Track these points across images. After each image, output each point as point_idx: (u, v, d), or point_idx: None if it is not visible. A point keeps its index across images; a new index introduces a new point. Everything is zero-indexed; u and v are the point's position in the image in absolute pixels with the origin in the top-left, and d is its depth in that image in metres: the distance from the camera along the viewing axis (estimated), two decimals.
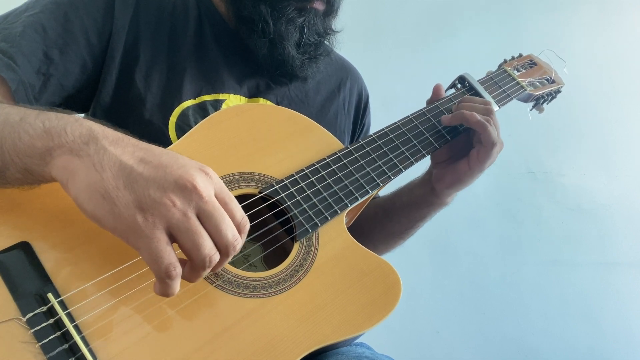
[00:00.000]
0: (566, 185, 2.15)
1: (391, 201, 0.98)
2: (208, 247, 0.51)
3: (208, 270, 0.53)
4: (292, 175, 0.73)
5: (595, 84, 2.17)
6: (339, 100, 1.02)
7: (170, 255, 0.50)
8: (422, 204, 0.94)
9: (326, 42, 0.93)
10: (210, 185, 0.52)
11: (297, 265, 0.67)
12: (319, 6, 0.87)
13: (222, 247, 0.53)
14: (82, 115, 0.90)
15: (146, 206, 0.49)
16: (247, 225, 0.56)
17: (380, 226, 0.97)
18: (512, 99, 0.97)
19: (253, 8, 0.85)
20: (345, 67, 1.08)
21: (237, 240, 0.54)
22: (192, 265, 0.52)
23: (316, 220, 0.71)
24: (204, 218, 0.51)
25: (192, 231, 0.50)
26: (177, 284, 0.51)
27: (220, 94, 0.87)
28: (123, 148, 0.53)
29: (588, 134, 2.18)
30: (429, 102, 0.92)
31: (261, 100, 0.91)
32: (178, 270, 0.50)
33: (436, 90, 0.92)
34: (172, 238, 0.51)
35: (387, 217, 0.75)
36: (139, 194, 0.50)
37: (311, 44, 0.89)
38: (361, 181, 0.77)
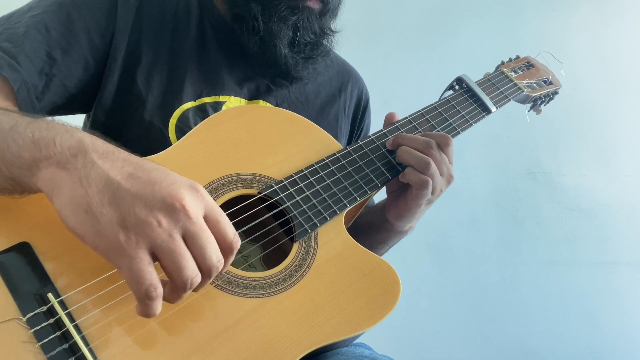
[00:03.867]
0: (566, 185, 2.15)
1: (358, 219, 0.90)
2: (190, 269, 0.50)
3: (189, 292, 0.52)
4: (292, 176, 0.74)
5: (595, 84, 2.18)
6: (339, 103, 1.02)
7: (152, 275, 0.48)
8: (380, 229, 0.91)
9: (325, 42, 0.93)
10: (200, 205, 0.51)
11: (296, 266, 0.67)
12: (314, 5, 0.86)
13: (205, 269, 0.51)
14: (83, 116, 0.91)
15: (130, 224, 0.48)
16: (238, 243, 0.54)
17: None
18: (509, 100, 0.97)
19: (244, 5, 0.85)
20: (347, 70, 1.07)
21: (220, 262, 0.52)
22: (173, 287, 0.51)
23: (315, 220, 0.71)
24: (190, 239, 0.50)
25: (176, 253, 0.49)
26: (158, 305, 0.49)
27: (221, 96, 0.87)
28: (112, 162, 0.51)
29: (588, 134, 2.18)
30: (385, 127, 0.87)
31: (261, 102, 0.91)
32: (159, 291, 0.48)
33: (388, 118, 0.88)
34: (154, 257, 0.49)
35: (354, 233, 0.73)
36: (123, 211, 0.48)
37: (307, 44, 0.88)
38: (360, 182, 0.77)
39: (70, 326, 0.52)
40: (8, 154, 0.53)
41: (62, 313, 0.52)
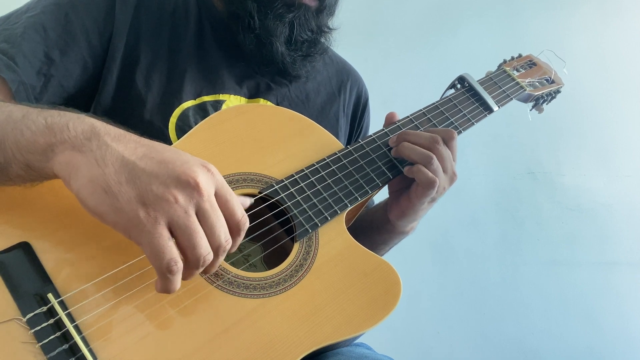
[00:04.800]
0: (566, 185, 2.15)
1: (359, 219, 0.90)
2: (204, 247, 0.52)
3: (200, 270, 0.53)
4: (292, 176, 0.73)
5: (595, 84, 2.18)
6: (339, 102, 1.01)
7: (172, 250, 0.50)
8: (381, 229, 0.90)
9: (322, 40, 0.92)
10: (211, 183, 0.53)
11: (297, 266, 0.67)
12: (310, 2, 0.86)
13: (214, 248, 0.53)
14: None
15: (148, 201, 0.50)
16: (246, 223, 0.56)
17: None
18: (511, 99, 0.97)
19: (240, 3, 0.85)
20: (347, 69, 1.07)
21: (228, 242, 0.54)
22: (186, 263, 0.53)
23: (316, 220, 0.71)
24: (201, 217, 0.52)
25: (192, 229, 0.51)
26: (178, 280, 0.51)
27: (221, 95, 0.87)
28: (125, 144, 0.53)
29: (588, 134, 2.18)
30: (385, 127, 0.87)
31: (261, 101, 0.91)
32: (179, 265, 0.51)
33: (389, 118, 0.87)
34: (171, 234, 0.51)
35: (355, 234, 0.72)
36: (141, 189, 0.50)
37: (304, 41, 0.88)
38: (361, 181, 0.77)
39: (70, 326, 0.52)
40: (22, 141, 0.54)
41: (62, 313, 0.52)
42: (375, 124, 1.04)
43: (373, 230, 0.91)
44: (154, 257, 0.50)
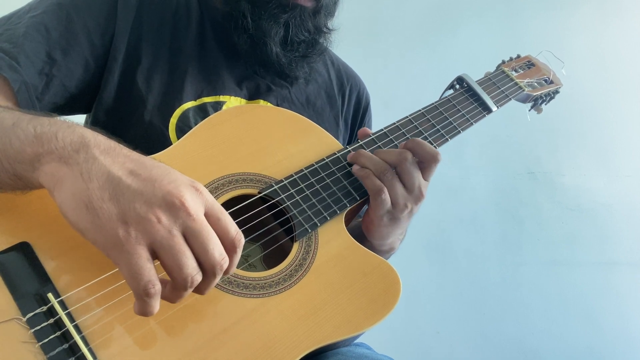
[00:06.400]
0: (566, 185, 2.15)
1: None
2: (190, 266, 0.49)
3: (189, 291, 0.51)
4: (292, 176, 0.73)
5: (595, 83, 2.18)
6: (339, 104, 1.01)
7: (150, 272, 0.48)
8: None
9: (321, 41, 0.92)
10: (200, 203, 0.51)
11: (296, 265, 0.67)
12: (306, 3, 0.86)
13: (209, 267, 0.51)
14: (84, 116, 0.91)
15: (130, 220, 0.48)
16: (242, 239, 0.54)
17: None
18: (510, 99, 0.97)
19: (235, 3, 0.85)
20: (348, 72, 1.07)
21: (224, 260, 0.51)
22: (174, 285, 0.51)
23: (315, 220, 0.71)
24: (190, 236, 0.50)
25: (176, 250, 0.49)
26: (156, 303, 0.49)
27: (221, 96, 0.87)
28: (113, 158, 0.51)
29: (588, 134, 2.18)
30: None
31: (261, 102, 0.91)
32: (157, 287, 0.48)
33: (361, 133, 0.84)
34: (154, 255, 0.49)
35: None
36: (123, 207, 0.48)
37: (300, 42, 0.88)
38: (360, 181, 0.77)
39: (70, 326, 0.52)
40: (11, 150, 0.53)
41: (62, 313, 0.52)
42: (376, 124, 1.04)
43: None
44: (131, 278, 0.47)
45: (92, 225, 0.48)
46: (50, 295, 0.53)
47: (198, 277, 0.50)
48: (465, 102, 0.92)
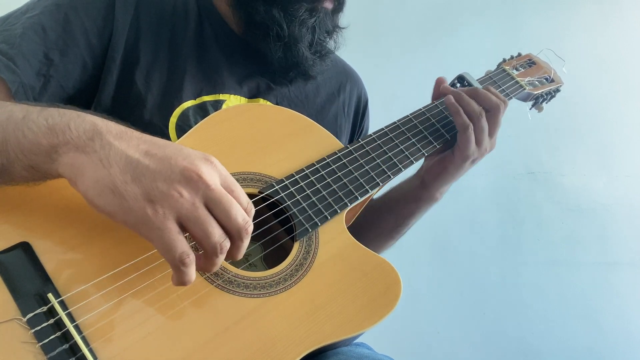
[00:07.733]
0: (566, 185, 2.15)
1: (380, 199, 0.97)
2: (218, 234, 0.53)
3: (221, 258, 0.54)
4: (292, 175, 0.73)
5: (595, 83, 2.18)
6: (338, 102, 1.02)
7: (182, 243, 0.51)
8: (410, 198, 0.94)
9: (334, 39, 0.94)
10: (215, 174, 0.54)
11: (297, 265, 0.67)
12: (329, 5, 0.87)
13: (235, 232, 0.54)
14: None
15: (155, 198, 0.51)
16: (252, 210, 0.57)
17: (369, 225, 0.96)
18: (511, 98, 0.97)
19: (266, 13, 0.84)
20: (346, 70, 1.07)
21: (247, 223, 0.55)
22: (205, 254, 0.54)
23: (316, 219, 0.71)
24: (213, 206, 0.53)
25: (201, 220, 0.52)
26: (192, 272, 0.52)
27: (221, 95, 0.87)
28: (128, 142, 0.54)
29: (588, 134, 2.18)
30: (433, 97, 0.93)
31: (261, 101, 0.91)
32: (192, 257, 0.51)
33: (438, 83, 0.92)
34: (183, 228, 0.52)
35: (376, 215, 0.75)
36: (147, 187, 0.51)
37: (321, 43, 0.90)
38: (361, 180, 0.77)
39: (70, 326, 0.51)
40: (25, 142, 0.54)
41: (62, 313, 0.52)
42: (375, 123, 1.04)
43: (399, 203, 0.95)
44: (166, 251, 0.51)
45: (120, 208, 0.51)
46: (50, 296, 0.53)
47: (226, 243, 0.54)
48: None
